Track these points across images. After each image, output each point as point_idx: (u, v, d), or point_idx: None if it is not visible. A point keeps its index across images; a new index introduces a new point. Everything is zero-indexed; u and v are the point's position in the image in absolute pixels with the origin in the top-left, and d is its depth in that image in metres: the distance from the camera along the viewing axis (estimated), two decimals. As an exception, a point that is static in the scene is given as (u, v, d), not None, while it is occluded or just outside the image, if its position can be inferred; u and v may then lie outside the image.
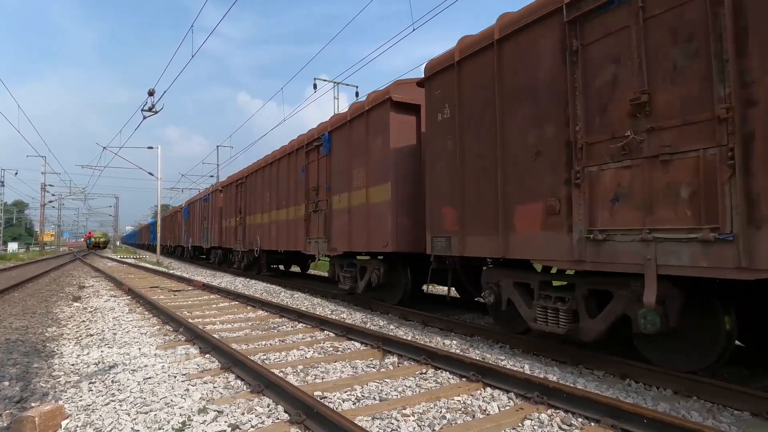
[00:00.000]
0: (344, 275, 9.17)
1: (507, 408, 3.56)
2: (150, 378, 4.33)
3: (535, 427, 3.21)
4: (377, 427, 3.22)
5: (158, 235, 28.72)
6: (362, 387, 4.04)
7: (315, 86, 20.58)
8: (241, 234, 16.02)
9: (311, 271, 17.24)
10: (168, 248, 36.26)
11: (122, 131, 29.42)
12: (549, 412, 3.44)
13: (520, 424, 3.26)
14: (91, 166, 32.12)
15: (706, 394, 3.70)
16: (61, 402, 3.67)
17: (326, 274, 11.08)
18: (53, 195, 50.71)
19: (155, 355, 5.20)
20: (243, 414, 3.42)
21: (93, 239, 58.57)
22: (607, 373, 4.40)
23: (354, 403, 3.69)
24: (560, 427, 3.20)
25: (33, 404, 3.69)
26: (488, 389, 3.97)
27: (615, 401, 3.28)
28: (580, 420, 3.29)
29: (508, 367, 4.44)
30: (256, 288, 12.16)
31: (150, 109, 15.24)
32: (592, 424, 3.22)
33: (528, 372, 4.35)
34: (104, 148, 25.44)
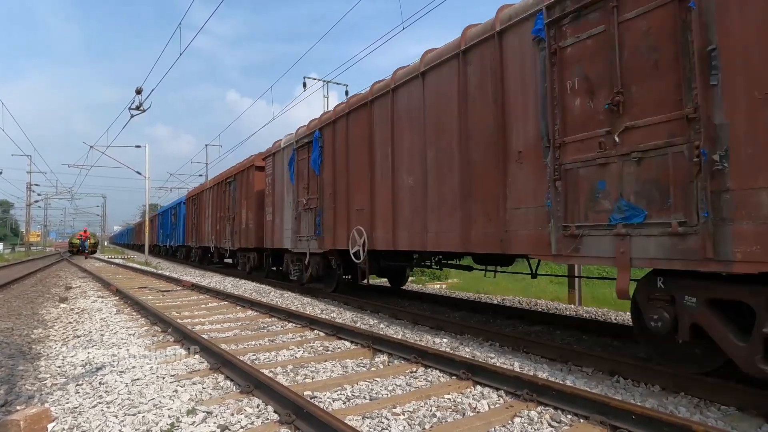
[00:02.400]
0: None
1: (497, 406, 3.57)
2: (138, 379, 4.29)
3: (525, 425, 3.22)
4: (367, 426, 3.21)
5: (146, 234, 28.46)
6: (352, 386, 4.04)
7: (305, 85, 20.50)
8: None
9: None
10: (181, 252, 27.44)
11: (109, 130, 29.17)
12: (538, 409, 3.46)
13: (509, 422, 3.27)
14: (77, 165, 31.78)
15: (693, 389, 3.74)
16: (47, 405, 3.61)
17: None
18: (39, 194, 50.09)
19: (143, 356, 5.15)
20: (232, 415, 3.40)
21: (88, 242, 39.67)
22: (596, 370, 4.43)
23: (344, 403, 3.68)
24: (550, 425, 3.22)
25: (18, 407, 3.63)
26: (478, 387, 3.98)
27: (604, 398, 3.31)
28: (569, 417, 3.31)
29: (497, 364, 4.46)
30: (246, 288, 12.10)
31: (138, 108, 15.05)
32: (582, 420, 3.24)
33: (518, 370, 4.37)
34: (91, 147, 25.17)
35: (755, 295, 3.31)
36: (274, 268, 13.69)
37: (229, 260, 19.72)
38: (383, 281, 12.55)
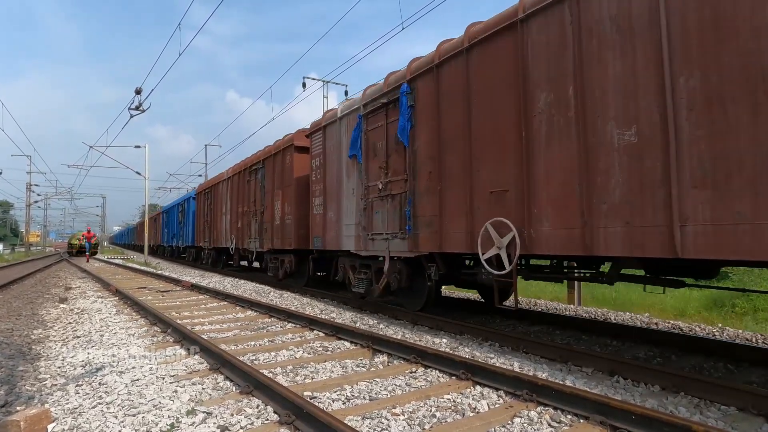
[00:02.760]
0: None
1: (496, 406, 3.57)
2: (138, 380, 4.29)
3: (525, 425, 3.22)
4: (367, 426, 3.21)
5: (146, 233, 28.45)
6: (352, 386, 4.04)
7: (304, 85, 20.49)
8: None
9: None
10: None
11: (109, 130, 29.21)
12: (538, 409, 3.46)
13: (509, 422, 3.27)
14: (77, 166, 31.75)
15: (693, 389, 3.74)
16: (47, 405, 3.61)
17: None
18: (39, 195, 50.02)
19: (143, 356, 5.15)
20: (232, 415, 3.40)
21: (91, 243, 35.73)
22: (595, 370, 4.43)
23: (344, 403, 3.68)
24: (549, 425, 3.22)
25: (18, 408, 3.63)
26: (478, 387, 3.98)
27: (603, 398, 3.31)
28: (569, 417, 3.31)
29: (497, 365, 4.46)
30: (245, 288, 12.10)
31: (137, 108, 15.04)
32: (581, 421, 3.24)
33: (517, 370, 4.37)
34: (91, 147, 25.15)
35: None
36: (320, 274, 10.91)
37: (245, 263, 17.85)
38: (471, 294, 10.42)
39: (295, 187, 11.08)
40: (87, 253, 32.71)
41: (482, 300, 9.01)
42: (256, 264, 17.34)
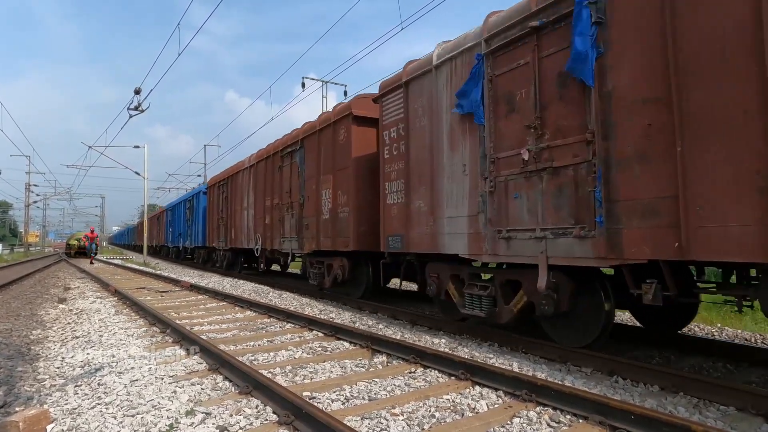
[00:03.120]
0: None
1: (496, 406, 3.57)
2: (137, 380, 4.28)
3: (524, 425, 3.22)
4: (366, 426, 3.21)
5: (145, 233, 28.44)
6: (351, 387, 4.03)
7: (303, 85, 20.51)
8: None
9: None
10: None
11: (108, 130, 29.26)
12: (537, 409, 3.46)
13: (508, 422, 3.27)
14: (76, 166, 31.76)
15: (692, 389, 3.74)
16: (46, 406, 3.61)
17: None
18: (38, 195, 50.03)
19: (142, 357, 5.15)
20: (231, 416, 3.40)
21: (95, 243, 30.55)
22: (594, 370, 4.43)
23: (343, 403, 3.68)
24: (549, 425, 3.22)
25: (17, 409, 3.63)
26: (477, 387, 3.98)
27: (603, 398, 3.31)
28: (568, 417, 3.31)
29: (496, 365, 4.46)
30: (245, 288, 12.09)
31: (136, 108, 15.04)
32: (581, 421, 3.24)
33: (516, 370, 4.37)
34: (90, 147, 25.13)
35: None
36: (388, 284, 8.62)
37: (277, 267, 15.18)
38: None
39: (354, 170, 8.57)
40: (92, 255, 29.25)
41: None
42: (292, 269, 14.58)
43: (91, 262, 26.91)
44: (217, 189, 17.70)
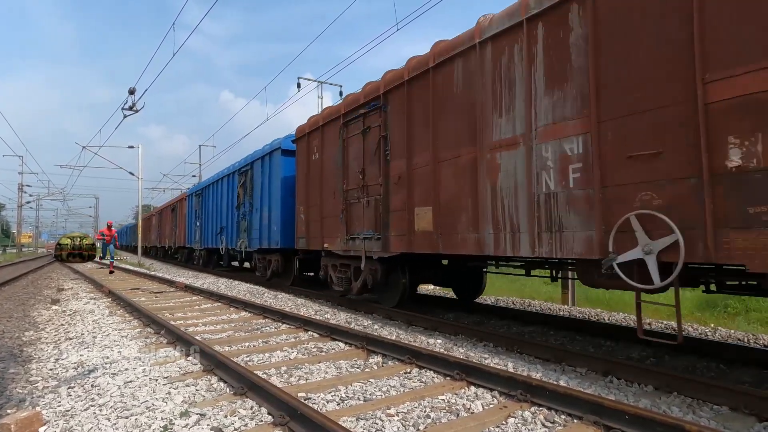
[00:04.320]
0: None
1: (491, 406, 3.57)
2: (131, 381, 4.26)
3: (519, 425, 3.23)
4: (361, 427, 3.21)
5: (139, 234, 28.30)
6: (346, 387, 4.03)
7: (299, 85, 20.46)
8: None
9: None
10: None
11: (102, 130, 29.02)
12: (532, 409, 3.46)
13: (503, 422, 3.28)
14: (70, 166, 31.55)
15: (686, 389, 3.76)
16: (38, 408, 3.58)
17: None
18: (31, 195, 49.72)
19: (136, 358, 5.12)
20: (226, 417, 3.38)
21: (112, 245, 19.78)
22: (589, 370, 4.45)
23: (338, 404, 3.67)
24: (543, 425, 3.23)
25: (9, 411, 3.59)
26: (472, 388, 3.98)
27: (597, 398, 3.32)
28: (563, 417, 3.32)
29: (491, 365, 4.47)
30: (240, 289, 12.06)
31: (131, 108, 14.99)
32: (575, 421, 3.25)
33: (511, 370, 4.38)
34: (84, 147, 25.00)
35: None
36: None
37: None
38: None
39: None
40: (111, 261, 19.40)
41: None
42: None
43: (111, 271, 18.51)
44: (325, 139, 9.41)
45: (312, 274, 11.65)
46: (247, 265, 18.29)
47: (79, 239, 31.60)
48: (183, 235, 23.51)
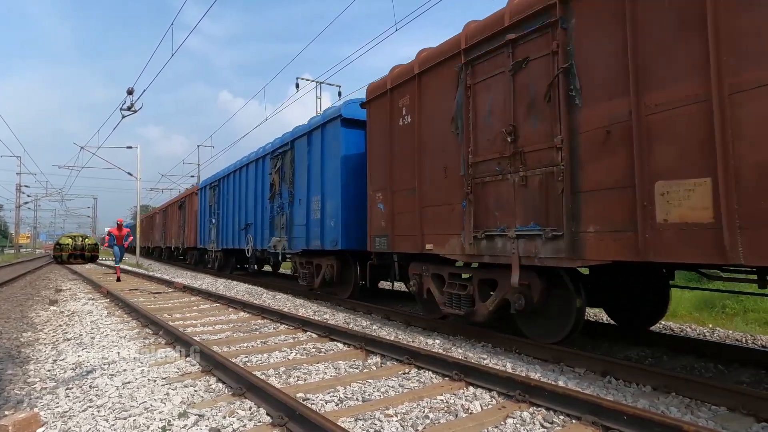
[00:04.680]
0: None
1: (489, 407, 3.57)
2: (129, 382, 4.25)
3: (518, 425, 3.23)
4: (360, 428, 3.21)
5: (138, 235, 28.25)
6: (345, 388, 4.03)
7: (297, 86, 20.46)
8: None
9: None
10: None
11: (100, 131, 28.77)
12: (531, 410, 3.46)
13: (502, 423, 3.28)
14: (68, 167, 31.44)
15: (684, 390, 3.76)
16: (36, 409, 3.58)
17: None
18: (29, 196, 49.63)
19: (134, 358, 5.11)
20: (224, 417, 3.38)
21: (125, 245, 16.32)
22: (588, 371, 4.45)
23: (337, 405, 3.67)
24: (542, 425, 3.23)
25: (6, 412, 3.58)
26: (471, 388, 3.98)
27: (596, 398, 3.32)
28: (561, 417, 3.32)
29: (490, 365, 4.47)
30: (238, 290, 12.04)
31: (129, 108, 14.99)
32: (574, 421, 3.25)
33: (510, 370, 4.38)
34: (82, 147, 24.95)
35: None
36: None
37: None
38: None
39: None
40: (117, 264, 16.26)
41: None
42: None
43: (118, 278, 15.42)
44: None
45: (365, 283, 8.83)
46: (285, 270, 16.05)
47: (81, 239, 29.98)
48: (193, 234, 20.42)
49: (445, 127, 6.11)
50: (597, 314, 8.03)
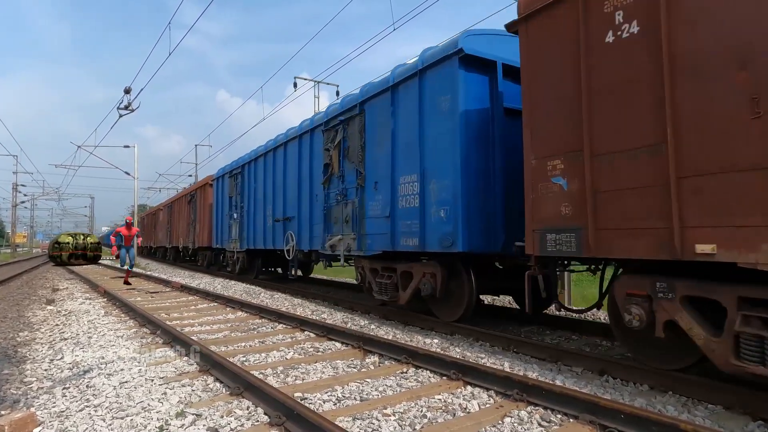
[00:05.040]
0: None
1: (487, 406, 3.58)
2: (126, 382, 4.25)
3: (515, 425, 3.23)
4: (358, 427, 3.21)
5: (134, 227, 27.95)
6: (343, 387, 4.02)
7: (295, 85, 20.44)
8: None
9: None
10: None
11: (97, 130, 28.78)
12: (528, 409, 3.47)
13: (500, 422, 3.28)
14: (65, 166, 31.37)
15: (681, 388, 3.77)
16: (32, 409, 3.57)
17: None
18: (26, 195, 49.53)
19: (132, 358, 5.10)
20: (222, 417, 3.38)
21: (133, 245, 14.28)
22: (585, 370, 4.46)
23: (335, 404, 3.67)
24: (539, 424, 3.23)
25: (3, 412, 3.56)
26: (469, 387, 3.99)
27: (593, 397, 3.33)
28: (559, 416, 3.32)
29: (488, 365, 4.47)
30: (236, 289, 12.03)
31: (126, 108, 14.93)
32: (571, 420, 3.25)
33: (508, 369, 4.39)
34: (79, 147, 24.87)
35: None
36: None
37: None
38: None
39: None
40: (129, 268, 14.31)
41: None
42: None
43: (127, 280, 13.87)
44: None
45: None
46: (320, 275, 13.50)
47: (82, 237, 26.99)
48: (207, 232, 17.81)
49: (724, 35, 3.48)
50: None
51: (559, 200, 4.61)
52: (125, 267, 14.15)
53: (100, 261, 27.59)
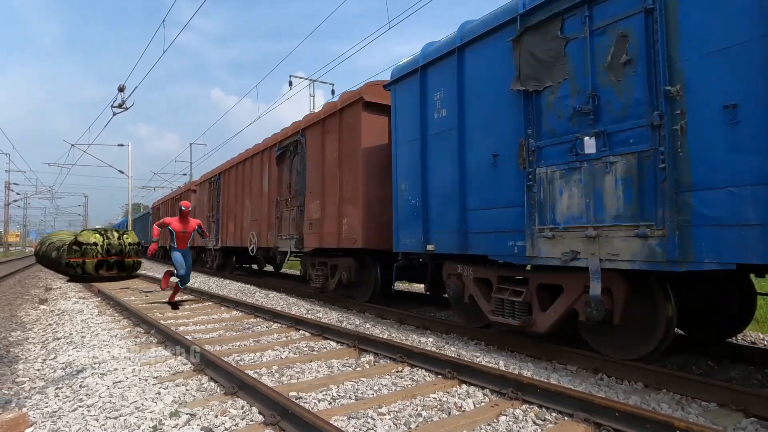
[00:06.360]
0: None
1: (482, 404, 3.58)
2: (120, 382, 4.22)
3: (510, 423, 3.23)
4: (353, 426, 3.20)
5: (129, 225, 27.93)
6: (338, 386, 4.02)
7: (290, 84, 20.40)
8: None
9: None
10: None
11: (91, 128, 28.48)
12: (523, 407, 3.47)
13: (495, 420, 3.28)
14: (58, 164, 31.24)
15: (675, 386, 3.79)
16: (24, 409, 3.54)
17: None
18: (18, 194, 49.19)
19: (126, 358, 5.07)
20: (216, 416, 3.36)
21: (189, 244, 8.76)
22: (580, 368, 4.47)
23: (330, 403, 3.66)
24: (534, 422, 3.24)
25: (-5, 412, 3.55)
26: (464, 386, 3.99)
27: (588, 395, 3.33)
28: (553, 414, 3.33)
29: (483, 363, 4.48)
30: (231, 288, 11.99)
31: (120, 106, 14.87)
32: (566, 418, 3.26)
33: (503, 368, 4.39)
34: (72, 145, 24.74)
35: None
36: None
37: None
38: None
39: None
40: (180, 285, 8.97)
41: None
42: None
43: (173, 301, 8.96)
44: None
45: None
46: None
47: (116, 236, 15.33)
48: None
49: None
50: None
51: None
52: (175, 278, 9.01)
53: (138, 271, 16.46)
